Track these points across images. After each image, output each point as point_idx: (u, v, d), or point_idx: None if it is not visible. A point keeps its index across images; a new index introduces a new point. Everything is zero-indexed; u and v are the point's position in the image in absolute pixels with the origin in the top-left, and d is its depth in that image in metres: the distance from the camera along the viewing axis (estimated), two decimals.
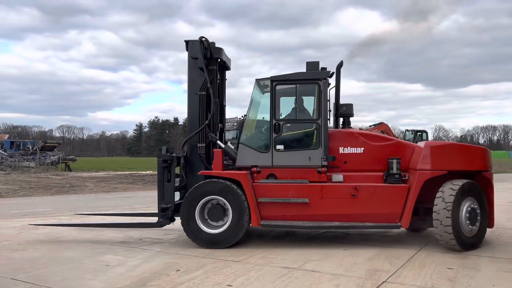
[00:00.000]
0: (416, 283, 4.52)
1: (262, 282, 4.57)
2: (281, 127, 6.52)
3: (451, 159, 6.24)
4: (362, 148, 6.50)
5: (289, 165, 6.51)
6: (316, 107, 6.55)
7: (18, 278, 4.73)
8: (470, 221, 6.00)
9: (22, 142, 44.93)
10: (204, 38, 6.88)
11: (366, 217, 6.26)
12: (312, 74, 6.68)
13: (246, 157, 6.66)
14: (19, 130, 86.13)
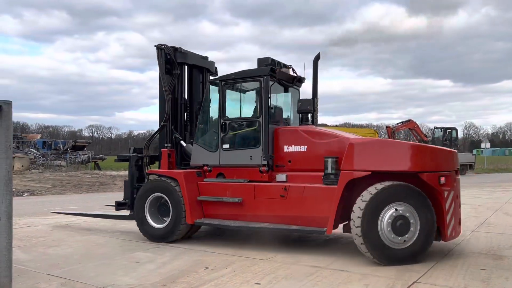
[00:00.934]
0: (448, 284, 4.42)
1: (290, 281, 4.57)
2: (227, 126, 6.56)
3: (376, 158, 5.41)
4: (305, 146, 6.14)
5: (233, 164, 6.54)
6: (257, 105, 6.45)
7: (53, 274, 4.88)
8: (395, 231, 5.12)
9: (54, 141, 46.33)
10: (162, 45, 7.16)
11: (296, 219, 5.88)
12: (254, 71, 6.63)
13: (199, 157, 6.86)
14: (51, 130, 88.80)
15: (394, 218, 5.14)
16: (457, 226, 5.57)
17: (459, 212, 5.72)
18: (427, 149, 5.66)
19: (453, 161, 5.75)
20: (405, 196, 5.20)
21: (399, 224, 5.13)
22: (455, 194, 5.48)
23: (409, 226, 5.15)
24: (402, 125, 31.70)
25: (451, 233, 5.41)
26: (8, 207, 3.41)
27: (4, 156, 3.41)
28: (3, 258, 3.39)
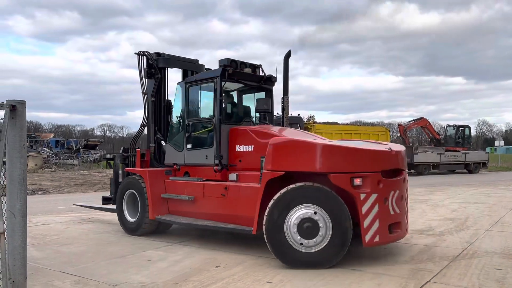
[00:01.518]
0: (462, 284, 4.36)
1: (301, 280, 4.56)
2: (190, 126, 6.85)
3: (289, 158, 5.22)
4: (252, 146, 6.19)
5: (194, 164, 6.80)
6: (213, 105, 6.61)
7: (67, 271, 4.94)
8: (301, 233, 4.95)
9: (66, 140, 46.88)
10: (144, 52, 7.59)
11: (234, 218, 5.93)
12: (208, 73, 6.99)
13: (170, 156, 7.23)
14: (63, 129, 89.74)
15: (301, 220, 4.97)
16: (384, 231, 5.06)
17: (394, 216, 5.21)
18: (337, 149, 5.24)
19: (381, 161, 5.25)
20: (316, 198, 5.00)
21: (306, 226, 4.95)
22: (381, 196, 5.03)
23: (318, 229, 4.94)
24: (414, 123, 31.39)
25: (372, 239, 4.96)
26: (22, 206, 3.44)
27: (18, 155, 3.45)
28: (18, 256, 3.43)
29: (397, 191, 5.27)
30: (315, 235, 4.93)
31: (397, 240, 5.56)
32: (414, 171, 28.18)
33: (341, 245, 4.93)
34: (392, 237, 5.28)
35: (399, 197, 5.31)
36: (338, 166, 5.04)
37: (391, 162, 5.39)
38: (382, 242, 5.15)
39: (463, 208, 10.38)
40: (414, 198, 12.79)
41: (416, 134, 67.74)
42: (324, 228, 4.93)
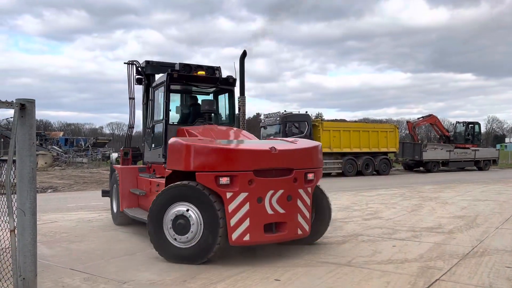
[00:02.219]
0: (472, 282, 4.32)
1: (309, 278, 4.55)
2: (152, 128, 7.43)
3: (174, 157, 5.42)
4: None
5: (153, 162, 7.44)
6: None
7: (76, 269, 4.98)
8: (176, 229, 5.14)
9: (75, 139, 47.29)
10: (130, 61, 8.08)
11: None
12: (161, 77, 7.35)
13: (145, 155, 7.96)
14: (72, 128, 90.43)
15: (175, 216, 5.16)
16: (257, 231, 5.07)
17: (273, 216, 5.17)
18: (203, 149, 5.21)
19: (254, 160, 5.16)
20: (189, 196, 5.15)
21: (178, 223, 5.12)
22: (254, 195, 5.03)
23: (189, 226, 5.08)
24: (423, 120, 31.16)
25: (241, 237, 5.00)
26: (32, 203, 3.48)
27: (28, 154, 3.47)
28: (28, 253, 3.46)
29: (279, 191, 5.20)
30: (187, 232, 5.11)
31: (282, 241, 5.49)
32: (423, 168, 27.99)
33: (212, 242, 5.02)
34: (270, 237, 5.24)
35: (284, 197, 5.23)
36: (204, 165, 5.13)
37: (268, 161, 5.23)
38: (254, 241, 5.12)
39: (473, 205, 10.28)
40: (424, 195, 12.71)
41: (425, 131, 67.22)
42: (196, 225, 5.08)
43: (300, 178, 5.44)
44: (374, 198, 12.25)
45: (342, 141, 23.86)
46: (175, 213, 5.17)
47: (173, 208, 5.21)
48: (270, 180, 5.18)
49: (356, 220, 8.24)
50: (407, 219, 8.36)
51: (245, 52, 7.39)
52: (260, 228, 5.09)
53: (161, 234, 5.25)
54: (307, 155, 5.71)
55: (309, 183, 5.56)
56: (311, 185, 5.60)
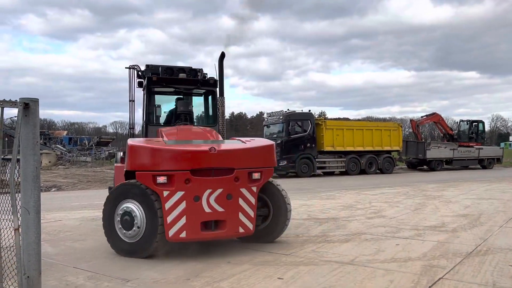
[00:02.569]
0: (475, 281, 4.31)
1: (313, 276, 4.55)
2: (143, 128, 7.67)
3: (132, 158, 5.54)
4: None
5: None
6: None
7: (80, 267, 5.00)
8: (123, 225, 5.42)
9: (79, 138, 47.44)
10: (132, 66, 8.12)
11: None
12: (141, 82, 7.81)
13: None
14: (76, 127, 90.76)
15: (123, 213, 5.44)
16: (194, 228, 5.22)
17: (210, 214, 5.29)
18: (143, 149, 5.46)
19: (191, 160, 5.32)
20: (135, 194, 5.39)
21: (125, 219, 5.41)
22: (190, 194, 5.19)
23: (134, 222, 5.33)
24: (426, 118, 31.08)
25: (177, 234, 5.17)
26: (36, 202, 3.49)
27: (32, 153, 3.49)
28: (33, 251, 3.48)
29: (218, 190, 5.30)
30: (132, 228, 5.38)
31: (221, 238, 5.64)
32: (427, 167, 27.91)
33: (152, 239, 5.26)
34: (208, 235, 5.39)
35: (223, 196, 5.33)
36: (144, 165, 5.37)
37: (206, 161, 5.35)
38: (190, 238, 5.29)
39: (476, 204, 10.25)
40: (427, 194, 12.68)
41: (428, 130, 67.01)
42: (139, 222, 5.33)
43: (243, 177, 5.50)
44: (377, 196, 12.23)
45: (345, 139, 23.84)
46: (123, 209, 5.45)
47: (122, 205, 5.48)
48: (207, 179, 5.31)
49: (359, 219, 8.23)
50: (410, 217, 8.34)
51: (223, 53, 7.56)
52: (197, 225, 5.24)
53: (113, 229, 5.55)
54: (252, 155, 5.78)
55: (254, 182, 5.60)
56: (256, 184, 5.63)
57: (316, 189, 15.05)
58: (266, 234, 6.08)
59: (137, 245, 5.38)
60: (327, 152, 23.37)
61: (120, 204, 5.48)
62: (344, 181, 18.91)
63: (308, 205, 10.41)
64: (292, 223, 7.78)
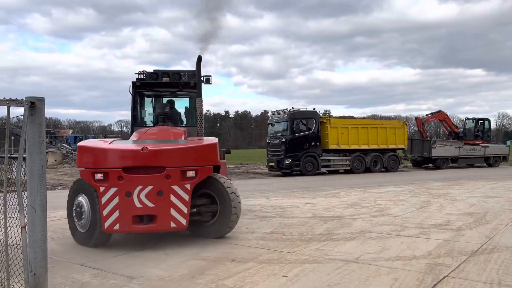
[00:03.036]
0: (481, 279, 4.30)
1: (317, 274, 4.55)
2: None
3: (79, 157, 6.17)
4: None
5: None
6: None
7: (86, 265, 5.04)
8: (76, 216, 6.13)
9: (85, 136, 47.54)
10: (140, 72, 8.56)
11: None
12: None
13: None
14: (82, 125, 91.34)
15: (76, 205, 6.11)
16: (126, 222, 5.63)
17: (141, 209, 5.64)
18: (85, 149, 6.15)
19: (124, 159, 5.81)
20: (84, 189, 6.05)
21: (77, 210, 6.09)
22: (123, 190, 5.62)
23: (83, 213, 6.00)
24: (431, 116, 30.92)
25: (112, 226, 5.66)
26: (42, 200, 3.52)
27: (38, 151, 3.52)
28: (39, 249, 3.51)
29: (148, 187, 5.66)
30: (82, 219, 6.02)
31: (152, 232, 6.03)
32: (432, 165, 27.80)
33: (95, 228, 5.84)
34: (139, 228, 5.79)
35: (153, 192, 5.67)
36: (87, 163, 5.94)
37: (137, 160, 5.76)
38: (123, 230, 5.85)
39: (482, 202, 10.20)
40: (432, 192, 12.63)
41: (434, 128, 66.71)
42: (86, 214, 5.96)
43: (175, 175, 5.78)
44: (382, 195, 12.20)
45: (350, 137, 23.78)
46: (77, 202, 6.11)
47: (77, 198, 6.13)
48: (138, 176, 5.71)
49: (364, 217, 8.22)
50: (415, 216, 8.32)
51: (200, 57, 7.94)
52: (128, 219, 5.66)
53: (72, 220, 6.26)
54: (186, 154, 6.03)
55: (187, 180, 5.86)
56: (190, 182, 5.87)
57: (320, 187, 15.03)
58: (215, 230, 6.36)
59: (85, 234, 6.02)
60: (331, 150, 23.33)
61: (76, 198, 6.16)
62: (349, 180, 18.87)
63: (313, 203, 10.41)
64: (296, 221, 7.81)
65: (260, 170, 24.76)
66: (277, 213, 8.95)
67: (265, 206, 10.15)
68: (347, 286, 4.15)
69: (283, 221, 7.93)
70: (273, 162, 22.73)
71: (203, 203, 6.24)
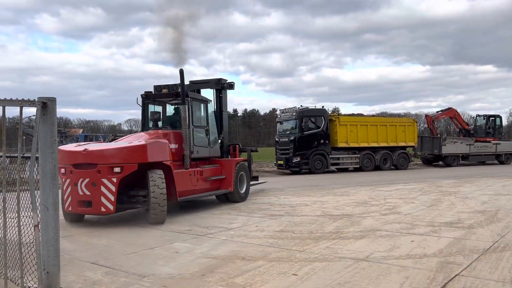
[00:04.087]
0: (493, 277, 4.26)
1: (327, 272, 4.55)
2: None
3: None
4: None
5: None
6: None
7: (98, 263, 5.09)
8: None
9: (95, 135, 47.96)
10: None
11: None
12: None
13: None
14: (91, 125, 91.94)
15: None
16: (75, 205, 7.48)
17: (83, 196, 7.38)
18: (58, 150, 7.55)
19: (72, 158, 7.54)
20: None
21: None
22: (72, 181, 7.46)
23: None
24: (442, 114, 30.62)
25: (67, 208, 7.57)
26: (54, 199, 3.57)
27: (50, 151, 3.56)
28: (52, 247, 3.56)
29: (86, 179, 7.36)
30: None
31: (91, 214, 7.85)
32: (443, 162, 27.56)
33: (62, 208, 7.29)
34: (82, 211, 7.62)
35: (89, 183, 7.34)
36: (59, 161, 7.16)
37: (79, 158, 7.50)
38: (73, 211, 7.64)
39: (494, 200, 10.10)
40: (443, 190, 12.53)
41: (444, 125, 66.05)
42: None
43: (104, 170, 7.32)
44: (392, 193, 12.13)
45: (359, 135, 23.62)
46: None
47: None
48: (81, 171, 7.45)
49: (374, 215, 8.19)
50: (426, 214, 8.26)
51: (181, 70, 9.14)
52: (75, 203, 7.49)
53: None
54: (113, 154, 7.57)
55: (114, 174, 7.33)
56: (116, 176, 7.33)
57: (329, 185, 14.99)
58: (148, 217, 7.66)
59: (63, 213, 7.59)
60: (341, 148, 23.21)
61: None
62: (358, 178, 18.78)
63: (322, 202, 10.38)
64: (306, 220, 7.80)
65: (269, 169, 24.73)
66: (287, 211, 8.95)
67: (274, 204, 10.15)
68: (357, 284, 4.14)
69: (293, 219, 7.93)
70: (281, 160, 22.68)
71: (139, 194, 7.76)
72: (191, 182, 9.06)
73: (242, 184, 10.79)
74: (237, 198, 10.42)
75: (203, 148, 9.87)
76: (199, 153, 9.66)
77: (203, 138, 9.91)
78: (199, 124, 9.88)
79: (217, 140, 10.67)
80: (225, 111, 11.53)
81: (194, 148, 9.38)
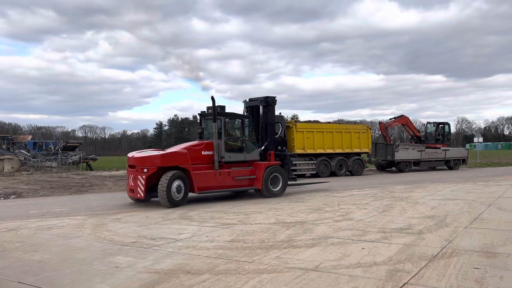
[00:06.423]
0: (440, 285, 4.22)
1: (275, 285, 4.35)
2: None
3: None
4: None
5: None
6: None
7: (26, 282, 4.62)
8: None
9: (45, 142, 45.68)
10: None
11: None
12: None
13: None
14: (43, 131, 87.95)
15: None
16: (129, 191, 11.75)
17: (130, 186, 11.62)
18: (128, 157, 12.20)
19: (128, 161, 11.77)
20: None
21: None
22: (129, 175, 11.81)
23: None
24: (394, 121, 31.55)
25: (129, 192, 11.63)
26: None
27: None
28: None
29: (131, 175, 11.40)
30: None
31: (134, 197, 11.62)
32: (395, 168, 28.31)
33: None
34: (131, 195, 11.64)
35: (134, 178, 11.22)
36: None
37: (130, 161, 11.59)
38: (129, 195, 11.86)
39: (442, 205, 10.34)
40: (395, 195, 12.75)
41: (397, 132, 68.40)
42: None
43: (139, 170, 11.07)
44: (346, 199, 12.19)
45: (316, 142, 23.84)
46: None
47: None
48: (130, 170, 11.53)
49: (327, 222, 8.11)
50: (378, 220, 8.29)
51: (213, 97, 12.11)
52: (129, 190, 11.72)
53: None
54: (144, 159, 11.26)
55: (143, 173, 10.97)
56: (145, 174, 10.94)
57: (285, 192, 14.90)
58: None
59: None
60: (297, 155, 23.31)
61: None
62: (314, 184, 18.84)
63: (277, 209, 10.23)
64: (258, 228, 7.60)
65: None
66: (240, 219, 8.71)
67: (228, 212, 9.89)
68: None
69: (245, 228, 7.70)
70: None
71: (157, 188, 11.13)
72: (216, 180, 11.77)
73: (276, 184, 13.10)
74: (266, 194, 12.71)
75: (236, 154, 12.34)
76: (231, 158, 12.19)
77: (237, 146, 12.45)
78: (234, 135, 12.73)
79: (254, 147, 12.88)
80: (272, 122, 13.77)
81: (225, 154, 12.02)
